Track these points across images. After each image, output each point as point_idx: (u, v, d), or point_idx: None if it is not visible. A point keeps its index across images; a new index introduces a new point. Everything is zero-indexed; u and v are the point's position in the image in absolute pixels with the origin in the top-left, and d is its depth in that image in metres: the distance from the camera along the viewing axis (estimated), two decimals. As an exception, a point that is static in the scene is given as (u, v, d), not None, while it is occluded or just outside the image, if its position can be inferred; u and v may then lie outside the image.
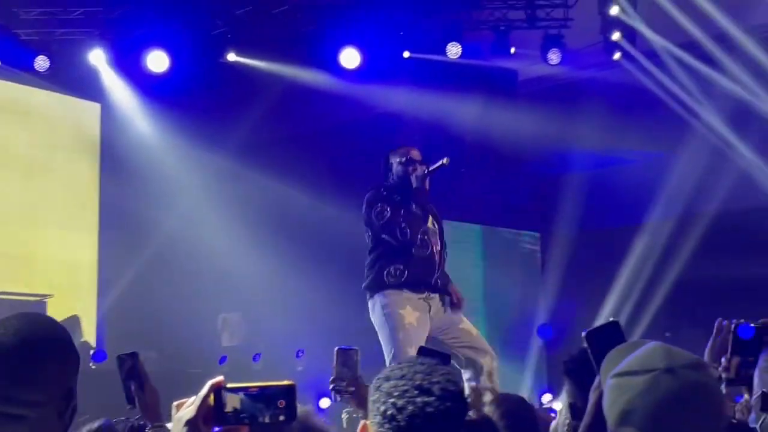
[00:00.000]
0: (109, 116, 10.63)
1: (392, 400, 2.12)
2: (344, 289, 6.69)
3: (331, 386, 3.91)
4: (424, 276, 5.91)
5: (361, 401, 4.00)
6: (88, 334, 10.02)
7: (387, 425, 2.12)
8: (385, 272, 5.91)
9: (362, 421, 2.23)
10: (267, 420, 1.89)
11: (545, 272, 12.65)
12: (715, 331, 3.44)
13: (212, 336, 10.85)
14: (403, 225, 5.88)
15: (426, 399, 2.11)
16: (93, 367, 8.93)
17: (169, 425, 2.03)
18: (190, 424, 1.88)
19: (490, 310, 12.37)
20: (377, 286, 5.94)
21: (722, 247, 11.27)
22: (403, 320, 5.82)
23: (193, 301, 10.36)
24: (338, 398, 4.19)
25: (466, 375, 5.93)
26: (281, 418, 1.89)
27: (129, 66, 9.71)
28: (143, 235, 10.51)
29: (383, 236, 5.94)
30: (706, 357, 3.52)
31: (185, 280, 10.45)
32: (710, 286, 11.21)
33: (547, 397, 10.03)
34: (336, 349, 3.94)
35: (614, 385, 2.04)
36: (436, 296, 5.99)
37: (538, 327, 12.03)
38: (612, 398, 2.03)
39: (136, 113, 10.44)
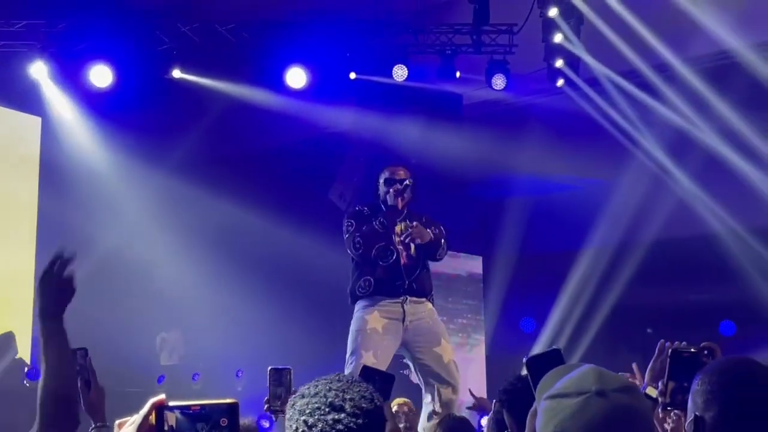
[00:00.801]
0: (49, 130, 10.48)
1: (303, 417, 2.09)
2: (285, 309, 6.67)
3: (266, 406, 3.88)
4: (391, 282, 6.13)
5: None
6: (23, 351, 9.83)
7: None
8: (357, 284, 6.20)
9: None
10: None
11: (487, 295, 12.71)
12: (657, 352, 3.48)
13: (151, 355, 10.72)
14: (357, 239, 6.14)
15: (336, 416, 2.07)
16: (27, 385, 8.76)
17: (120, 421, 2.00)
18: None
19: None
20: (353, 296, 6.25)
21: (660, 274, 11.44)
22: (366, 324, 6.05)
23: (132, 319, 10.23)
24: (275, 418, 4.16)
25: (426, 398, 6.05)
26: None
27: (71, 80, 9.58)
28: (81, 251, 10.25)
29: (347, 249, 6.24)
30: (647, 378, 3.56)
31: (124, 297, 10.32)
32: (648, 312, 11.36)
33: (486, 421, 10.06)
34: (269, 368, 3.92)
35: (547, 407, 2.05)
36: (416, 298, 6.15)
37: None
38: (545, 420, 2.04)
39: (77, 128, 10.31)
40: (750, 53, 9.51)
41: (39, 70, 9.48)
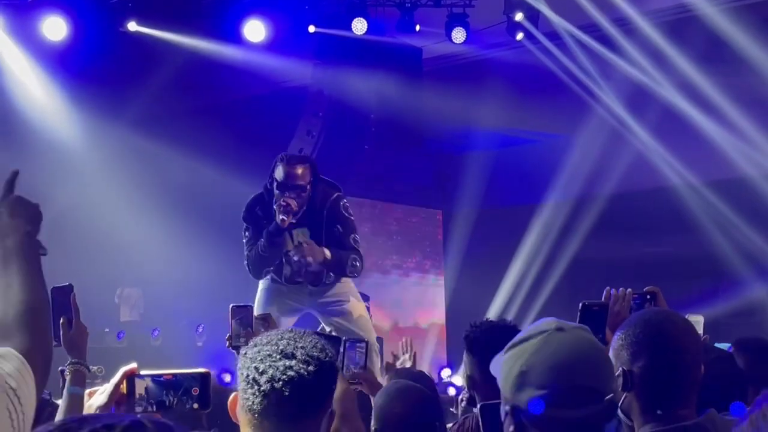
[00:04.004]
0: (3, 84, 10.29)
1: (255, 364, 2.09)
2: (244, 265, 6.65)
3: (227, 344, 3.87)
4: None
5: None
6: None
7: (250, 390, 2.08)
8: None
9: (233, 393, 2.19)
10: (176, 406, 1.86)
11: (446, 249, 12.76)
12: (610, 300, 3.49)
13: (110, 311, 10.66)
14: (246, 263, 6.10)
15: (288, 363, 2.08)
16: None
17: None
18: (102, 411, 1.85)
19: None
20: None
21: (618, 227, 11.55)
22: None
23: (90, 276, 10.13)
24: (237, 354, 4.16)
25: None
26: (195, 405, 1.87)
27: (25, 32, 9.40)
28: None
29: None
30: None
31: (82, 254, 10.21)
32: (606, 265, 11.47)
33: (446, 372, 10.16)
34: (231, 306, 3.90)
35: (510, 356, 2.08)
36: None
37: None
38: (507, 368, 2.06)
39: (32, 82, 10.13)
40: (709, 6, 9.54)
41: (-9, 22, 9.28)
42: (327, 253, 5.78)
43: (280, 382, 2.06)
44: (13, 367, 1.82)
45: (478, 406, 2.63)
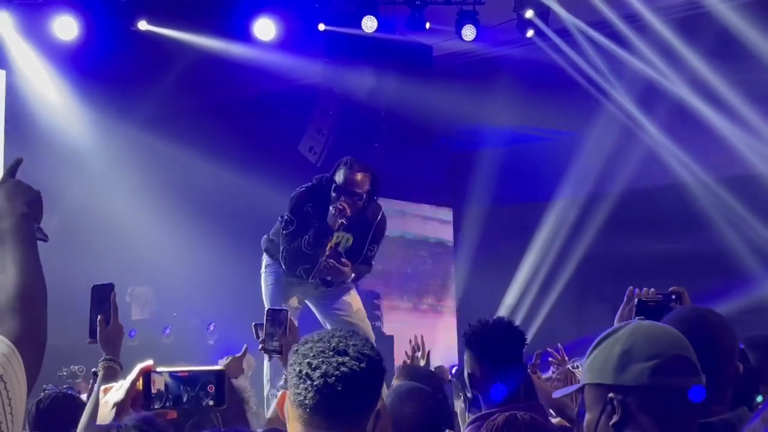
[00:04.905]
0: (14, 84, 10.33)
1: (307, 360, 2.14)
2: (256, 263, 6.65)
3: (260, 346, 3.88)
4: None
5: (288, 359, 4.00)
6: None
7: (302, 385, 2.12)
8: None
9: (280, 392, 2.23)
10: (192, 403, 1.87)
11: (457, 246, 12.76)
12: (625, 299, 3.52)
13: (121, 309, 10.68)
14: (284, 255, 6.06)
15: (341, 359, 2.12)
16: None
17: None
18: (119, 407, 1.85)
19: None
20: None
21: (629, 224, 11.53)
22: None
23: (101, 274, 10.12)
24: (269, 358, 4.16)
25: None
26: (210, 402, 1.88)
27: (37, 32, 9.43)
28: (48, 205, 10.19)
29: None
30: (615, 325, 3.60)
31: (93, 252, 10.25)
32: (617, 261, 11.46)
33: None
34: (267, 309, 3.92)
35: (601, 348, 2.11)
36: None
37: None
38: (604, 355, 2.08)
39: (43, 81, 10.16)
40: (719, 2, 9.50)
41: (3, 23, 9.31)
42: (351, 275, 5.95)
43: (333, 378, 2.11)
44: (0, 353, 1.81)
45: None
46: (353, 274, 5.96)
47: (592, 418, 2.05)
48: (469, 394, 3.52)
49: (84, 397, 4.49)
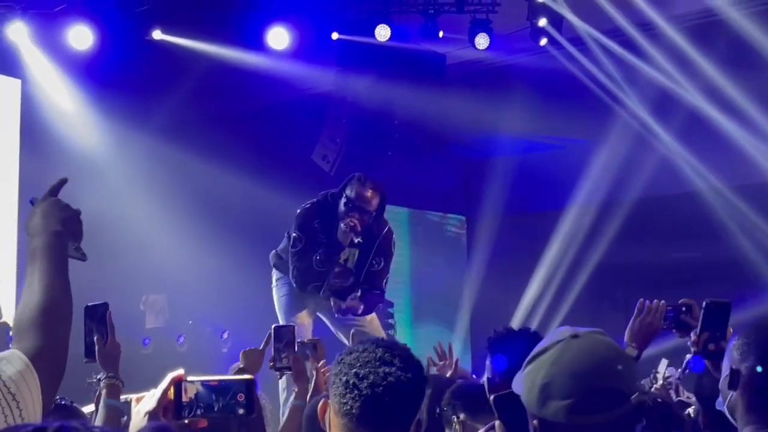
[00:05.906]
0: (30, 93, 10.39)
1: (354, 370, 2.16)
2: (269, 271, 6.66)
3: (270, 364, 3.88)
4: None
5: (298, 375, 4.00)
6: (8, 315, 9.81)
7: (349, 395, 2.14)
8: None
9: (321, 400, 2.25)
10: (223, 412, 1.89)
11: (470, 255, 12.75)
12: (636, 311, 3.52)
13: (136, 317, 10.71)
14: (294, 273, 6.14)
15: (388, 369, 2.15)
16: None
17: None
18: (151, 416, 1.87)
19: (414, 293, 12.45)
20: None
21: (643, 233, 11.50)
22: None
23: (116, 282, 10.20)
24: (280, 376, 4.13)
25: None
26: (240, 411, 1.90)
27: (51, 41, 9.49)
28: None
29: None
30: (626, 338, 3.60)
31: (107, 261, 10.27)
32: (631, 270, 11.43)
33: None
34: (273, 327, 3.92)
35: (529, 370, 2.09)
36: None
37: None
38: (529, 382, 2.07)
39: (58, 90, 10.21)
40: (733, 11, 9.48)
41: (18, 32, 9.37)
42: (360, 308, 5.98)
43: (381, 387, 2.13)
44: (15, 370, 1.81)
45: (491, 397, 2.65)
46: (361, 306, 5.94)
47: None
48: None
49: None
